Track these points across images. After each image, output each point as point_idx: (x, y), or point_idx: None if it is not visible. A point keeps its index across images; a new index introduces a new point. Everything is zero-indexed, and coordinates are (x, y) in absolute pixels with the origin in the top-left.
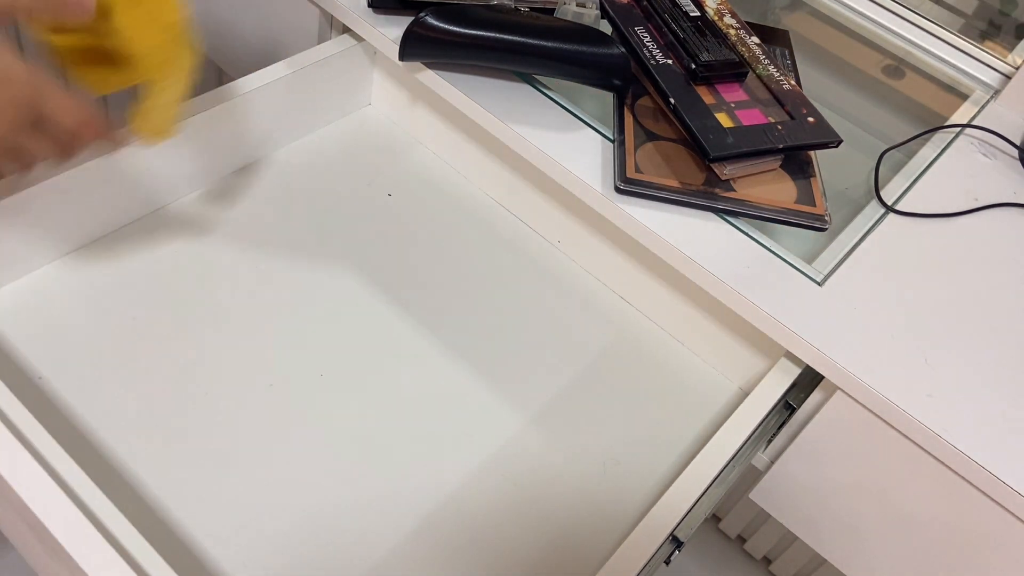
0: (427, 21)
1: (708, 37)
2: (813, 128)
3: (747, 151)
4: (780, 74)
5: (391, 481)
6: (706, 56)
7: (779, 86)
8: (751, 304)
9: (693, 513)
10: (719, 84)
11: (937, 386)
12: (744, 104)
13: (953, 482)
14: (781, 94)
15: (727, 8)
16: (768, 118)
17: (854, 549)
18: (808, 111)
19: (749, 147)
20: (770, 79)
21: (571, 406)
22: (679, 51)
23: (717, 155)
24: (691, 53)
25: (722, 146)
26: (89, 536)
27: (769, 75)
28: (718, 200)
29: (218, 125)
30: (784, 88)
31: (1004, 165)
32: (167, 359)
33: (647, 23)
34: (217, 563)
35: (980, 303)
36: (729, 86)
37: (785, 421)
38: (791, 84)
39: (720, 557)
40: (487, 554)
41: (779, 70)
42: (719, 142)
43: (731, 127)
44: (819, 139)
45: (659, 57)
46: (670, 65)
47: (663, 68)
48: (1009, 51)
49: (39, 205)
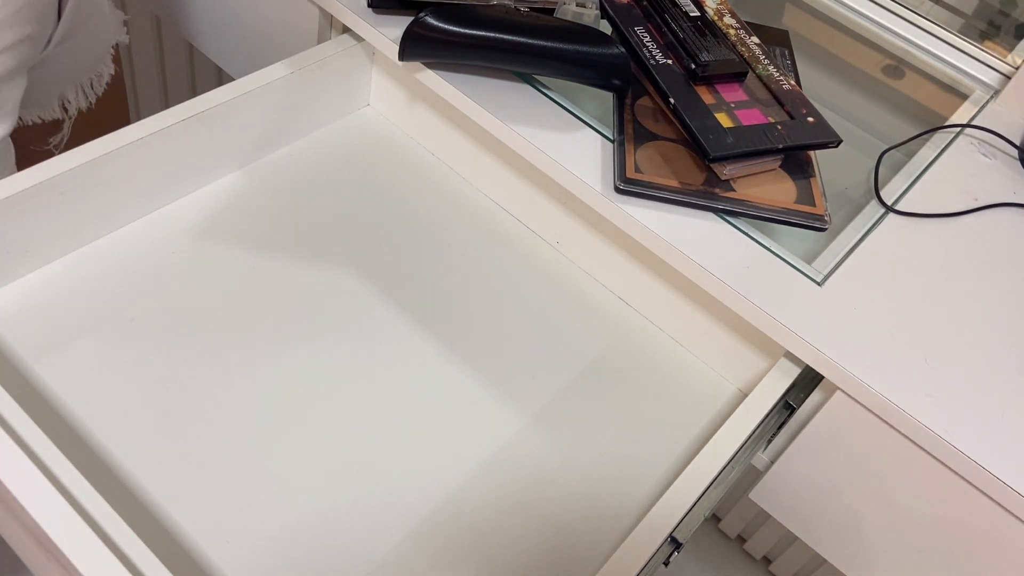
0: (427, 21)
1: (708, 37)
2: (813, 128)
3: (747, 151)
4: (780, 74)
5: (391, 481)
6: (706, 56)
7: (779, 86)
8: (751, 304)
9: (692, 514)
10: (719, 84)
11: (937, 386)
12: (744, 104)
13: (953, 482)
14: (781, 94)
15: (727, 8)
16: (768, 118)
17: (854, 549)
18: (808, 111)
19: (749, 147)
20: (770, 79)
21: (570, 407)
22: (679, 51)
23: (717, 155)
24: (691, 53)
25: (722, 146)
26: (86, 538)
27: (769, 75)
28: (718, 200)
29: (218, 125)
30: (784, 88)
31: (1004, 165)
32: (166, 360)
33: (647, 23)
34: (216, 564)
35: (980, 303)
36: (729, 86)
37: (785, 421)
38: (791, 84)
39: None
40: (486, 555)
41: (779, 70)
42: (719, 142)
43: (731, 127)
44: (819, 139)
45: (659, 57)
46: (670, 65)
47: (663, 68)
48: (1009, 51)
49: (39, 205)
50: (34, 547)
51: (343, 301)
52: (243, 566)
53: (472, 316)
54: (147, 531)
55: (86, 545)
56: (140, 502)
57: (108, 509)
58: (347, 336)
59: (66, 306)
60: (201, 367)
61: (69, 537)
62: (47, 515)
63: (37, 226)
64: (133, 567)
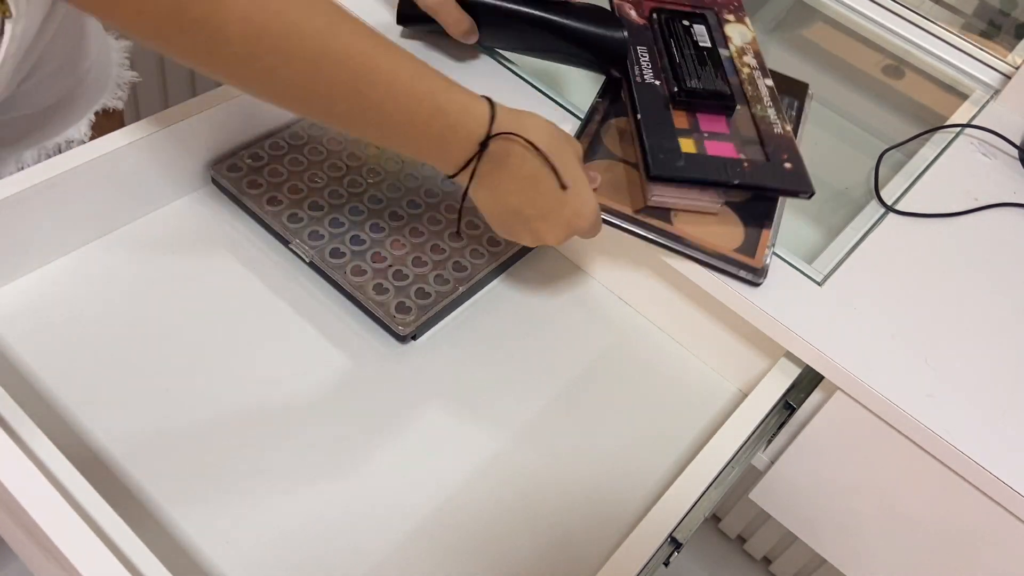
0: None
1: (707, 67)
2: (786, 174)
3: (692, 178)
4: (777, 118)
5: (390, 482)
6: (693, 83)
7: (770, 128)
8: (751, 304)
9: (692, 514)
10: (703, 114)
11: (937, 386)
12: (720, 136)
13: (953, 482)
14: (768, 136)
15: (754, 49)
16: (739, 154)
17: (854, 549)
18: (789, 157)
19: (697, 175)
20: (763, 120)
21: (570, 407)
22: (668, 74)
23: (657, 174)
24: (679, 77)
25: (668, 167)
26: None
27: (764, 116)
28: (650, 230)
29: (218, 125)
30: (774, 131)
31: (1004, 165)
32: (167, 360)
33: (653, 45)
34: (216, 564)
35: (980, 303)
36: (714, 118)
37: (785, 421)
38: (784, 130)
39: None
40: (485, 556)
41: (779, 115)
42: (667, 163)
43: (691, 153)
44: (786, 185)
45: (647, 77)
46: (656, 86)
47: (645, 87)
48: (1009, 51)
49: (39, 205)
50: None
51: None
52: (242, 566)
53: (472, 317)
54: (147, 531)
55: (86, 545)
56: (139, 502)
57: (108, 509)
58: (347, 336)
59: (66, 306)
60: (202, 367)
61: (69, 537)
62: (47, 515)
63: (38, 226)
64: (133, 567)
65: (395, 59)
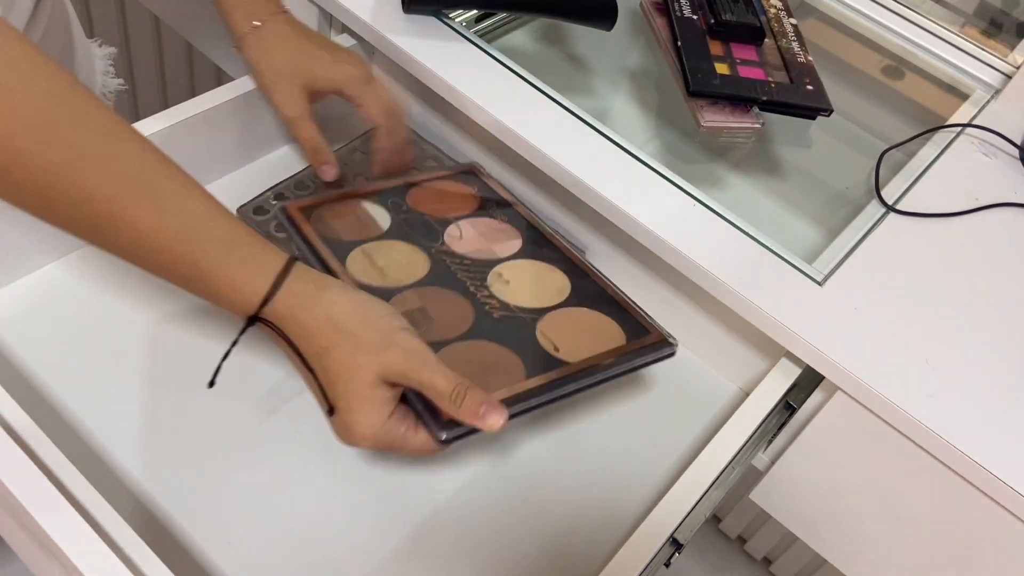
0: None
1: (739, 4)
2: (807, 94)
3: (725, 94)
4: (800, 50)
5: (390, 483)
6: (727, 16)
7: (794, 57)
8: (751, 304)
9: (693, 515)
10: (736, 44)
11: (938, 386)
12: (750, 63)
13: (953, 482)
14: (792, 64)
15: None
16: (767, 77)
17: (854, 550)
18: (811, 81)
19: (730, 91)
20: (788, 50)
21: (570, 407)
22: (705, 9)
23: (696, 89)
24: (715, 11)
25: (705, 84)
26: (86, 538)
27: (789, 47)
28: (548, 391)
29: (217, 125)
30: (797, 60)
31: (1004, 165)
32: (167, 360)
33: None
34: (215, 566)
35: (981, 303)
36: (745, 47)
37: (785, 421)
38: (807, 59)
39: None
40: (486, 557)
41: (801, 47)
42: (704, 80)
43: (725, 75)
44: (810, 103)
45: (687, 12)
46: (694, 20)
47: (685, 20)
48: (1010, 50)
49: None
50: (34, 547)
51: None
52: (243, 566)
53: None
54: (148, 531)
55: (87, 545)
56: (140, 502)
57: (108, 509)
58: None
59: (67, 306)
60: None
61: (70, 537)
62: (47, 515)
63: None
64: (134, 567)
65: (155, 208)
